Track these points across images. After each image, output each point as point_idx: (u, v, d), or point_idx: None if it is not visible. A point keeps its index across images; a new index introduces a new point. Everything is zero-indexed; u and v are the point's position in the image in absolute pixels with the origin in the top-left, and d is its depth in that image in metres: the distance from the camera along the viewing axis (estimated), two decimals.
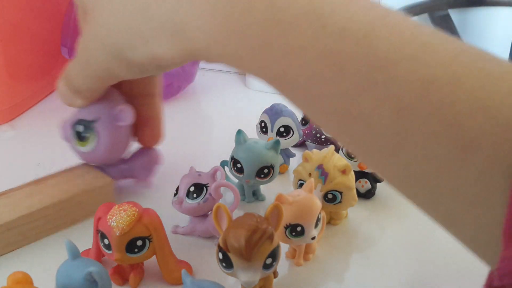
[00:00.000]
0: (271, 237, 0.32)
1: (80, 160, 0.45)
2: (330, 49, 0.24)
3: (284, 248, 0.40)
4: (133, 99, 0.43)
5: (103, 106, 0.41)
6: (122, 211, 0.35)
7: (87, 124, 0.42)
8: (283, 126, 0.51)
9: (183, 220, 0.42)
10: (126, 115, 0.42)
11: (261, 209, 0.46)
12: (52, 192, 0.42)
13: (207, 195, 0.40)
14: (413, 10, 1.75)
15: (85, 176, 0.44)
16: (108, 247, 0.35)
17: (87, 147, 0.43)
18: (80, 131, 0.42)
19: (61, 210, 0.42)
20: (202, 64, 0.72)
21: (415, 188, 0.24)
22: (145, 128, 0.45)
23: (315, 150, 0.44)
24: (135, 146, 0.46)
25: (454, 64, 0.22)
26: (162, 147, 0.57)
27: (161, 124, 0.45)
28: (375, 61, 0.23)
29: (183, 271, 0.31)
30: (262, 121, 0.52)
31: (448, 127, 0.21)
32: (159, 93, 0.45)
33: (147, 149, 0.47)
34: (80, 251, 0.33)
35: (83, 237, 0.39)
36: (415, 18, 1.70)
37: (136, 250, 0.35)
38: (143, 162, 0.46)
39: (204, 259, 0.39)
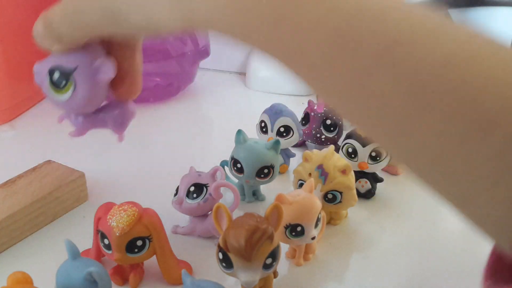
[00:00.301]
0: (271, 237, 0.32)
1: (54, 105, 0.43)
2: (347, 25, 0.24)
3: (284, 248, 0.40)
4: (113, 50, 0.41)
5: (82, 56, 0.39)
6: (122, 211, 0.35)
7: (65, 72, 0.40)
8: (283, 126, 0.51)
9: (183, 220, 0.42)
10: (107, 68, 0.40)
11: (261, 209, 0.46)
12: (29, 191, 0.43)
13: (207, 195, 0.40)
14: None
15: (55, 173, 0.45)
16: (108, 247, 0.35)
17: (62, 96, 0.40)
18: (56, 79, 0.40)
19: (42, 207, 0.42)
20: (202, 64, 0.72)
21: (429, 168, 0.24)
22: (123, 81, 0.43)
23: (315, 150, 0.44)
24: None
25: (471, 43, 0.22)
26: (162, 147, 0.58)
27: (140, 78, 0.43)
28: (391, 38, 0.23)
29: (183, 271, 0.31)
30: (262, 121, 0.52)
31: (466, 105, 0.21)
32: (140, 47, 0.44)
33: (120, 102, 0.45)
34: (80, 251, 0.33)
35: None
36: None
37: (136, 250, 0.35)
38: (117, 114, 0.44)
39: (204, 259, 0.39)
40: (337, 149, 0.47)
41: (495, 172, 0.22)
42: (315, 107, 0.53)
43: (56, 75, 0.40)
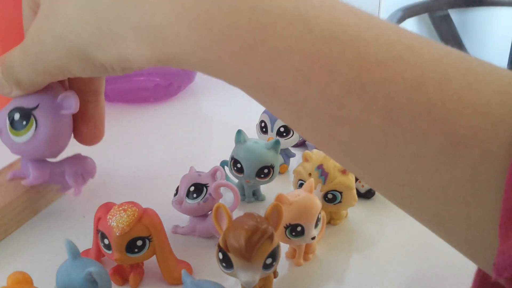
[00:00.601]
0: (271, 237, 0.32)
1: (14, 153, 0.41)
2: (318, 52, 0.24)
3: (284, 248, 0.40)
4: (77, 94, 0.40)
5: (43, 93, 0.38)
6: (122, 211, 0.35)
7: (25, 112, 0.38)
8: (283, 126, 0.51)
9: (183, 220, 0.42)
10: (71, 102, 0.38)
11: (261, 209, 0.46)
12: (11, 186, 0.43)
13: (207, 195, 0.40)
14: (413, 10, 1.76)
15: None
16: (108, 247, 0.35)
17: (23, 137, 0.38)
18: (16, 119, 0.38)
19: (25, 201, 0.43)
20: None
21: (403, 191, 0.24)
22: (87, 125, 0.42)
23: (315, 150, 0.44)
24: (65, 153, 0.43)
25: (441, 64, 0.22)
26: (162, 147, 0.57)
27: (103, 122, 0.43)
28: (362, 64, 0.23)
29: (183, 271, 0.31)
30: (262, 121, 0.52)
31: (438, 126, 0.22)
32: (103, 91, 0.42)
33: (81, 156, 0.44)
34: (80, 251, 0.33)
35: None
36: (415, 18, 1.70)
37: (136, 250, 0.35)
38: (77, 169, 0.43)
39: (204, 259, 0.39)
40: None
41: (468, 193, 0.22)
42: None
43: (16, 116, 0.38)
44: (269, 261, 0.32)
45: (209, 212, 0.41)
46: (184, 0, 0.26)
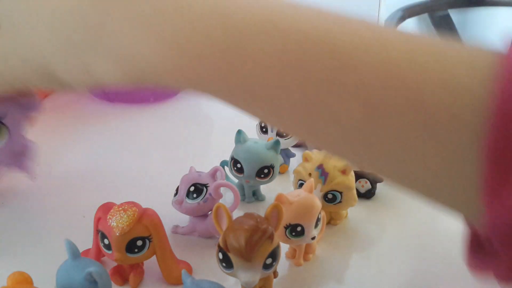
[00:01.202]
0: (271, 237, 0.32)
1: None
2: (294, 58, 0.24)
3: (284, 248, 0.40)
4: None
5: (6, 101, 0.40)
6: (122, 211, 0.35)
7: None
8: None
9: (183, 220, 0.42)
10: (36, 102, 0.41)
11: (261, 209, 0.46)
12: None
13: (207, 195, 0.40)
14: (413, 10, 1.75)
15: None
16: (108, 247, 0.35)
17: None
18: None
19: None
20: None
21: (392, 169, 0.25)
22: None
23: (315, 150, 0.44)
24: None
25: (407, 46, 0.24)
26: (162, 147, 0.57)
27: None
28: (336, 60, 0.24)
29: (183, 271, 0.31)
30: (262, 121, 0.52)
31: (412, 106, 0.23)
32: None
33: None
34: (80, 251, 0.33)
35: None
36: (415, 18, 1.70)
37: (136, 250, 0.35)
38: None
39: (204, 259, 0.39)
40: None
41: (450, 162, 0.23)
42: None
43: None
44: (269, 261, 0.32)
45: (209, 212, 0.41)
46: (154, 21, 0.26)
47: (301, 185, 0.42)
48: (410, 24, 1.62)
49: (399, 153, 0.24)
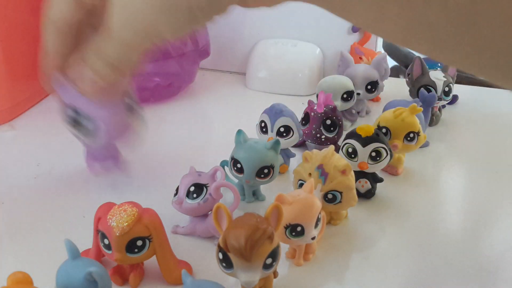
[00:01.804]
0: (271, 237, 0.32)
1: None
2: None
3: (284, 248, 0.40)
4: None
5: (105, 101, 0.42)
6: (122, 211, 0.35)
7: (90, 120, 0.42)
8: (283, 126, 0.51)
9: (183, 220, 0.42)
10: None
11: (261, 209, 0.46)
12: None
13: (207, 195, 0.40)
14: None
15: None
16: (108, 247, 0.35)
17: (92, 140, 0.43)
18: (85, 126, 0.42)
19: None
20: (202, 64, 0.72)
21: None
22: None
23: (315, 150, 0.44)
24: None
25: None
26: (162, 147, 0.57)
27: None
28: None
29: (183, 271, 0.31)
30: (262, 121, 0.52)
31: None
32: None
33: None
34: (80, 251, 0.33)
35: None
36: None
37: (136, 250, 0.35)
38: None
39: (204, 259, 0.39)
40: (337, 149, 0.47)
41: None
42: (315, 107, 0.53)
43: (86, 123, 0.42)
44: (269, 261, 0.33)
45: (209, 212, 0.41)
46: None
47: (301, 185, 0.42)
48: None
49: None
